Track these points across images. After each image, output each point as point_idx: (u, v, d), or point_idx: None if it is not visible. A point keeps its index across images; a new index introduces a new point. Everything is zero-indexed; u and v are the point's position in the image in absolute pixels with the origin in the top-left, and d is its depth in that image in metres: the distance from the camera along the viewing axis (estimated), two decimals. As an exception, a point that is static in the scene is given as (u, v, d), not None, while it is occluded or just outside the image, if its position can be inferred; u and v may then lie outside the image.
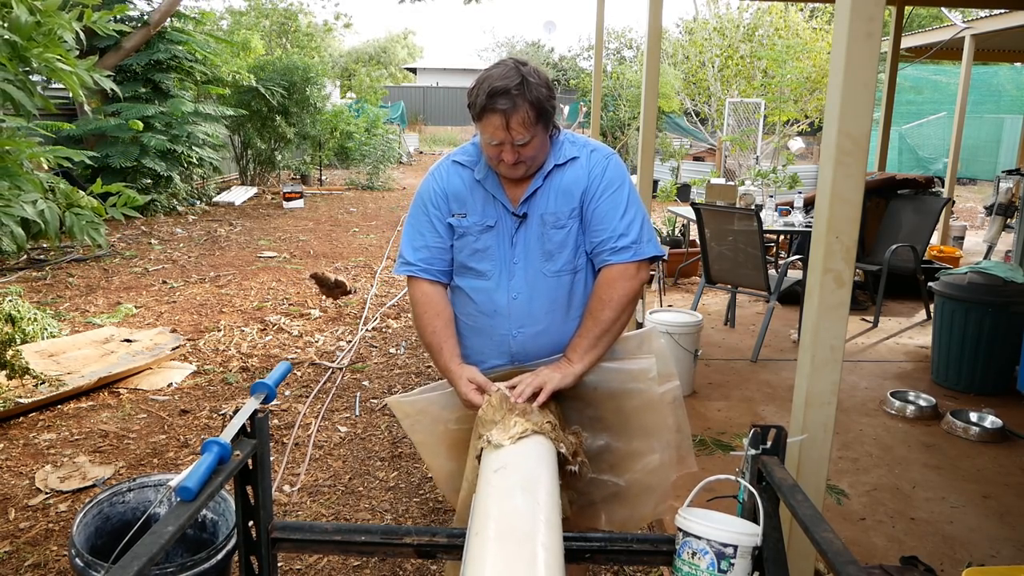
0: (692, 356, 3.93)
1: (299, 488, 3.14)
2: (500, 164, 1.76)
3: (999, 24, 7.98)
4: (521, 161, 1.73)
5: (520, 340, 1.83)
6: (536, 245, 1.81)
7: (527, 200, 1.81)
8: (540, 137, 1.74)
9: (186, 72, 10.57)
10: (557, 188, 1.81)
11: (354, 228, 9.88)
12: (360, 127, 15.26)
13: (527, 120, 1.68)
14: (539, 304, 1.82)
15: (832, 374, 1.72)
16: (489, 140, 1.71)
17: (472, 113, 1.74)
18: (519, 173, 1.78)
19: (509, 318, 1.82)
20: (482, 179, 1.83)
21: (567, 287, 1.83)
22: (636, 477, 1.82)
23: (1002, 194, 7.81)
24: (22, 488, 3.07)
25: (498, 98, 1.66)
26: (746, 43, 13.94)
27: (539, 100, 1.69)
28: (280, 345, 4.98)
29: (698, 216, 5.00)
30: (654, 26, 3.95)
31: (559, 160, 1.82)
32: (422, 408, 1.87)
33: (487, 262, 1.83)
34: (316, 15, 20.72)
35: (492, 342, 1.86)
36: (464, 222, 1.83)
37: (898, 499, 2.96)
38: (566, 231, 1.81)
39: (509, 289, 1.82)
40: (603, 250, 1.80)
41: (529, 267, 1.82)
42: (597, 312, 1.77)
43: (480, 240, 1.83)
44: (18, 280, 6.32)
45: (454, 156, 1.91)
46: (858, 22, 1.57)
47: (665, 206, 10.32)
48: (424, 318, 1.85)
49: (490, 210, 1.83)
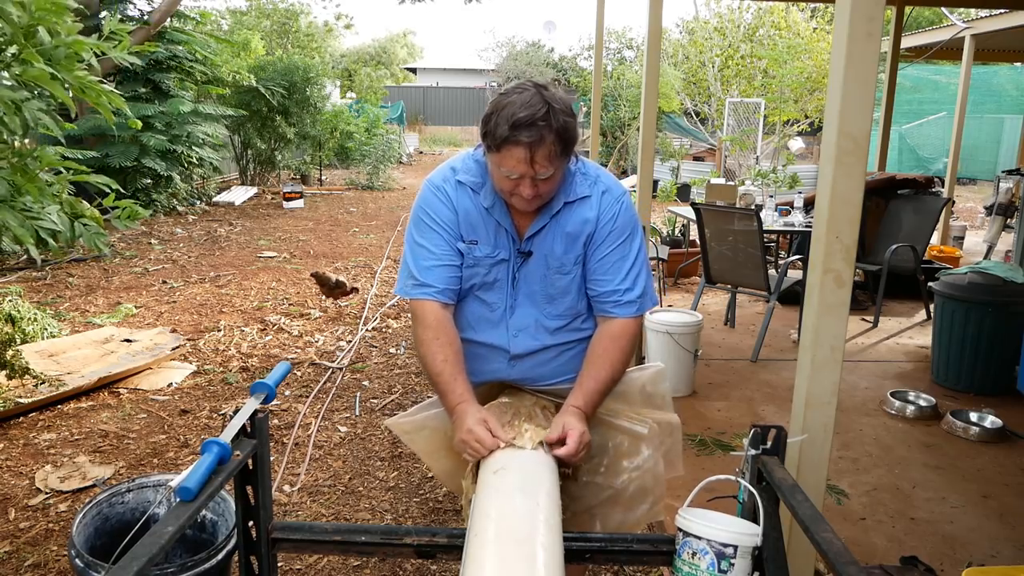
0: (692, 356, 3.94)
1: (299, 488, 3.14)
2: (513, 197, 1.65)
3: (999, 24, 7.99)
4: (538, 195, 1.63)
5: (518, 371, 1.81)
6: (539, 287, 1.75)
7: (532, 237, 1.72)
8: (559, 175, 1.64)
9: (186, 72, 10.56)
10: (563, 230, 1.72)
11: (354, 228, 9.88)
12: (360, 127, 15.26)
13: (552, 153, 1.55)
14: (539, 341, 1.79)
15: (832, 374, 1.72)
16: (508, 174, 1.58)
17: (489, 143, 1.59)
18: (533, 207, 1.67)
19: (508, 352, 1.79)
20: (490, 207, 1.72)
21: (568, 329, 1.81)
22: (631, 477, 1.81)
23: (1002, 194, 7.81)
24: (22, 488, 3.07)
25: (522, 130, 1.51)
26: (746, 43, 13.94)
27: (565, 130, 1.56)
28: (280, 345, 4.98)
29: (698, 216, 5.00)
30: (654, 26, 3.95)
31: (569, 198, 1.72)
32: (420, 423, 1.84)
33: (495, 294, 1.76)
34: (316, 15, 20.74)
35: (488, 367, 1.82)
36: (476, 251, 1.72)
37: (898, 499, 2.97)
38: (570, 277, 1.74)
39: (510, 326, 1.78)
40: (607, 302, 1.74)
41: (532, 306, 1.76)
42: (617, 363, 1.71)
43: (491, 273, 1.74)
44: (18, 280, 6.32)
45: (458, 175, 1.76)
46: (858, 22, 1.57)
47: (665, 206, 10.34)
48: (434, 344, 1.68)
49: (500, 241, 1.73)
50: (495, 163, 1.61)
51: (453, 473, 1.87)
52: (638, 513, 1.83)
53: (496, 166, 1.61)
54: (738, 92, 14.30)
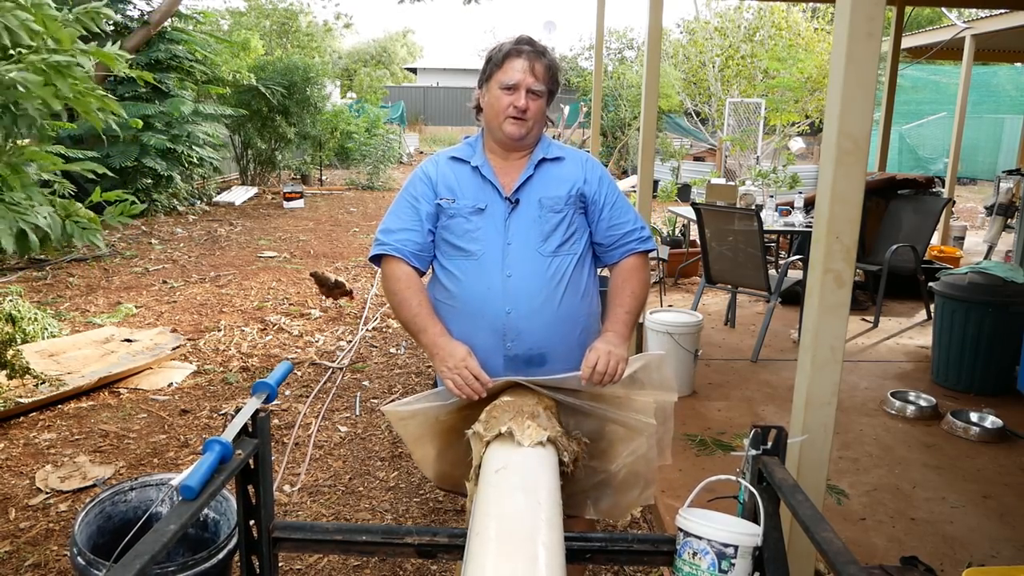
0: (692, 356, 3.94)
1: (299, 488, 3.14)
2: (507, 121, 1.86)
3: (999, 24, 7.99)
4: (527, 118, 1.86)
5: (514, 318, 1.84)
6: (534, 227, 1.88)
7: (520, 188, 1.91)
8: (544, 105, 1.90)
9: (186, 72, 10.55)
10: (551, 177, 1.93)
11: (354, 228, 9.89)
12: (360, 127, 15.27)
13: (545, 75, 1.87)
14: (535, 283, 1.85)
15: (832, 374, 1.73)
16: (507, 82, 1.85)
17: (491, 65, 1.88)
18: (522, 131, 1.88)
19: (503, 296, 1.84)
20: (479, 165, 1.93)
21: (564, 269, 1.89)
22: (625, 462, 1.84)
23: (1002, 194, 7.82)
24: (22, 488, 3.08)
25: (524, 45, 1.86)
26: (747, 43, 13.94)
27: (555, 66, 1.90)
28: (280, 345, 4.98)
29: (698, 216, 5.00)
30: (654, 26, 3.95)
31: (548, 155, 1.96)
32: (415, 410, 1.86)
33: (478, 243, 1.88)
34: (316, 15, 20.73)
35: (484, 322, 1.86)
36: (453, 205, 1.91)
37: (898, 499, 2.97)
38: (562, 215, 1.90)
39: (503, 267, 1.85)
40: (631, 240, 1.97)
41: (525, 248, 1.87)
42: (639, 291, 1.94)
43: (471, 221, 1.89)
44: (19, 280, 6.33)
45: (449, 152, 2.01)
46: (859, 22, 1.57)
47: (666, 206, 10.33)
48: (405, 293, 1.87)
49: (481, 195, 1.91)
50: (495, 83, 1.87)
51: (433, 460, 1.92)
52: (629, 498, 1.87)
53: (496, 86, 1.87)
54: (738, 92, 14.29)
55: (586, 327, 1.93)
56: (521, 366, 1.86)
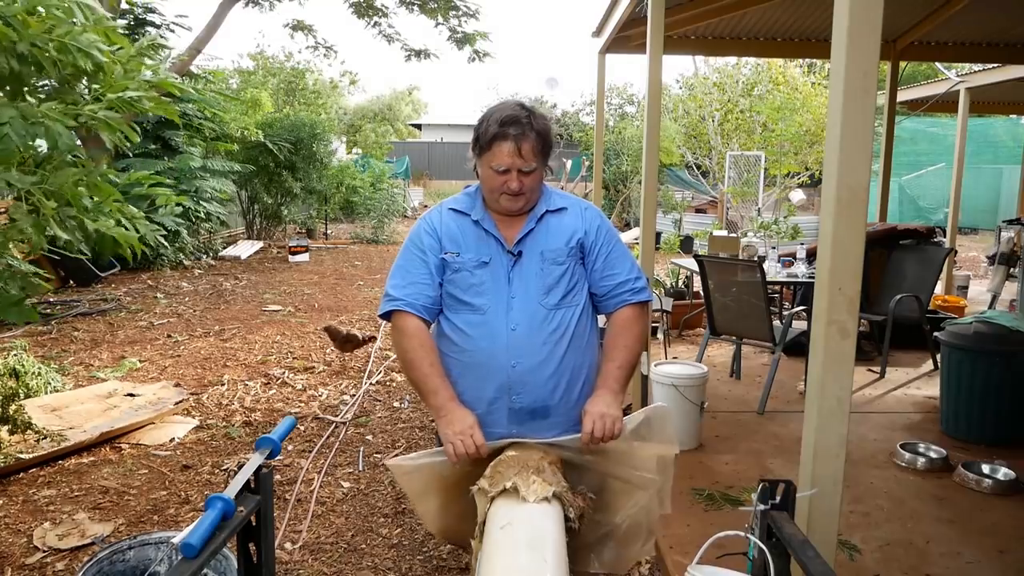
0: (698, 408, 3.90)
1: (301, 545, 3.09)
2: (503, 196, 1.87)
3: (993, 78, 8.14)
4: (523, 193, 1.86)
5: (519, 372, 1.85)
6: (535, 280, 1.89)
7: (522, 240, 1.92)
8: (541, 171, 1.89)
9: (195, 129, 10.77)
10: (552, 228, 1.94)
11: (359, 281, 9.93)
12: (365, 182, 15.48)
13: (535, 149, 1.83)
14: (539, 336, 1.86)
15: (839, 426, 1.71)
16: (497, 167, 1.83)
17: (480, 145, 1.86)
18: (519, 205, 1.89)
19: (508, 350, 1.85)
20: (480, 219, 1.93)
21: (566, 321, 1.89)
22: (628, 514, 1.83)
23: (1003, 244, 7.84)
24: (19, 546, 3.03)
25: (510, 126, 1.81)
26: (745, 97, 14.19)
27: (545, 131, 1.86)
28: (284, 399, 4.96)
29: (701, 268, 5.02)
30: (654, 81, 4.04)
31: (551, 207, 1.97)
32: (420, 464, 1.86)
33: (483, 297, 1.89)
34: (323, 72, 21.19)
35: (490, 375, 1.86)
36: (458, 259, 1.91)
37: (912, 554, 2.90)
38: (564, 267, 1.91)
39: (508, 321, 1.86)
40: (624, 291, 1.95)
41: (528, 301, 1.87)
42: (632, 344, 1.91)
43: (475, 275, 1.90)
44: (24, 334, 6.34)
45: (449, 204, 2.02)
46: (854, 77, 1.61)
47: (668, 258, 10.38)
48: (418, 352, 1.85)
49: (484, 248, 1.92)
50: (486, 163, 1.86)
51: (436, 514, 1.92)
52: (633, 550, 1.87)
53: (486, 165, 1.86)
54: (738, 145, 14.50)
55: (587, 378, 1.94)
56: (525, 418, 1.86)
